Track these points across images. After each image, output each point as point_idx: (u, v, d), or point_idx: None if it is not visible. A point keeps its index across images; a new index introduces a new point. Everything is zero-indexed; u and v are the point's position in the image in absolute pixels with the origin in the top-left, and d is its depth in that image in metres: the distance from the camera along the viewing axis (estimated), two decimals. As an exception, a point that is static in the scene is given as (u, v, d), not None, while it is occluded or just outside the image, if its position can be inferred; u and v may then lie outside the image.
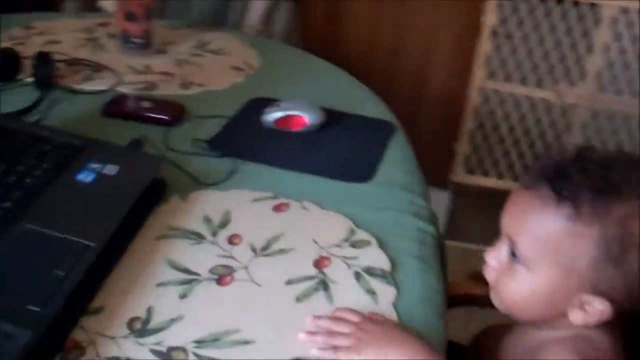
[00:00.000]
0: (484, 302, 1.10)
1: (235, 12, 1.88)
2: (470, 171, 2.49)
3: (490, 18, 2.27)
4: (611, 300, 0.78)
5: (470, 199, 2.51)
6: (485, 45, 2.31)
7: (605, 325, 0.82)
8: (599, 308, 0.79)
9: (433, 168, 2.47)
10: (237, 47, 1.52)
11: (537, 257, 0.80)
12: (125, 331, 0.76)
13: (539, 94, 2.37)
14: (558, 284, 0.80)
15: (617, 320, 0.82)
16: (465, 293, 1.14)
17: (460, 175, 2.49)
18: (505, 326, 1.07)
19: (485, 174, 2.49)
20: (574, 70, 2.32)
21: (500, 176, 2.48)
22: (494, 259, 0.86)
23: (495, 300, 0.89)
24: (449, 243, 2.70)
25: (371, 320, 0.79)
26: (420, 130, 2.48)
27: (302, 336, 0.77)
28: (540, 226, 0.80)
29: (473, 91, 2.38)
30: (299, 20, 2.01)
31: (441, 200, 2.46)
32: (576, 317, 0.81)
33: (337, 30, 2.39)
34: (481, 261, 1.01)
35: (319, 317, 0.80)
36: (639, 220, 0.76)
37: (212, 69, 1.40)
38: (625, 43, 2.25)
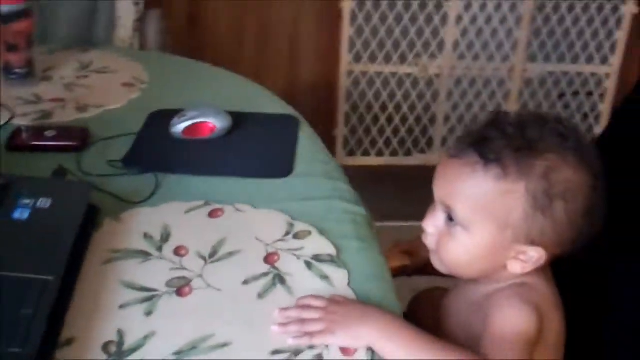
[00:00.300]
0: (412, 271, 1.18)
1: (103, 28, 1.85)
2: (351, 153, 2.58)
3: (347, 2, 2.35)
4: (544, 247, 0.87)
5: (355, 180, 2.59)
6: (346, 29, 2.39)
7: (538, 271, 0.91)
8: (534, 256, 0.87)
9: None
10: (121, 64, 1.50)
11: (474, 218, 0.87)
12: (103, 356, 0.76)
13: (403, 69, 2.48)
14: (495, 239, 0.87)
15: (548, 263, 0.91)
16: (395, 265, 1.20)
17: (342, 158, 2.57)
18: (439, 289, 1.15)
19: (366, 153, 2.58)
20: (433, 43, 2.44)
21: (379, 153, 2.58)
22: (432, 226, 0.92)
23: (437, 264, 0.95)
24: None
25: (335, 302, 0.84)
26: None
27: (275, 329, 0.80)
28: (473, 189, 0.87)
29: (342, 75, 2.46)
30: (164, 28, 2.01)
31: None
32: (515, 267, 0.89)
33: (201, 32, 2.40)
34: (384, 236, 1.08)
35: (286, 309, 0.83)
36: (558, 171, 0.85)
37: (103, 88, 1.39)
38: (476, 11, 2.40)
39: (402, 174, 2.56)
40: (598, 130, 2.55)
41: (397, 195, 2.31)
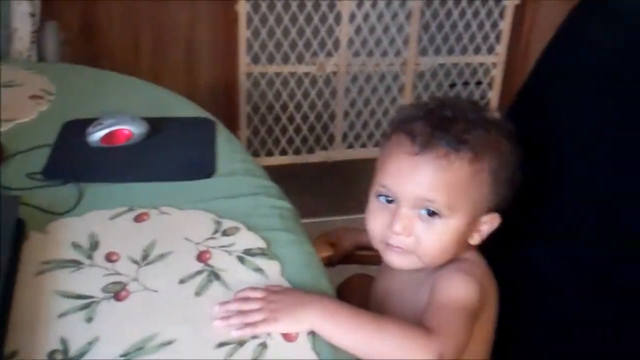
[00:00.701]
0: (336, 261, 1.22)
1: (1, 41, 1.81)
2: (255, 154, 2.60)
3: (242, 4, 2.38)
4: (496, 211, 0.95)
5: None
6: (243, 31, 2.41)
7: (475, 248, 0.99)
8: (492, 222, 0.96)
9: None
10: (25, 76, 1.48)
11: (455, 205, 0.92)
12: (50, 365, 0.77)
13: (302, 69, 2.53)
14: (470, 219, 0.94)
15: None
16: (321, 256, 1.24)
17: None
18: (366, 276, 1.20)
19: (270, 153, 2.61)
20: (328, 42, 2.50)
21: (283, 152, 2.62)
22: (403, 228, 0.94)
23: (410, 262, 0.96)
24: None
25: (273, 291, 0.87)
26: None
27: (217, 323, 0.83)
28: (453, 177, 0.92)
29: (241, 77, 2.48)
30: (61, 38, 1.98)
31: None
32: (474, 239, 0.96)
33: (97, 41, 2.37)
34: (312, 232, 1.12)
35: (225, 303, 0.86)
36: (501, 144, 0.95)
37: (11, 102, 1.36)
38: (368, 9, 2.47)
39: (307, 172, 2.61)
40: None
41: (304, 192, 2.36)
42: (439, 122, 0.93)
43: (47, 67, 1.59)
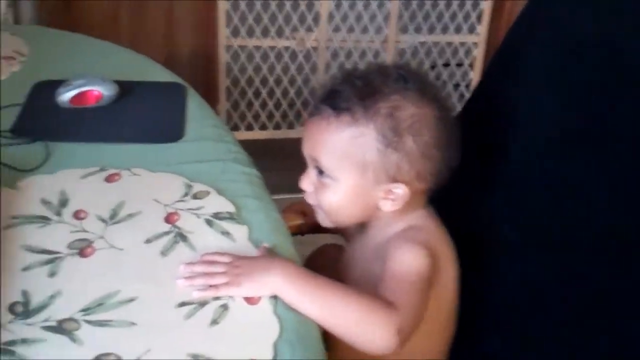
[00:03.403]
0: (306, 229, 1.23)
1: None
2: (235, 127, 2.59)
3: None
4: (405, 182, 0.96)
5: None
6: (222, 3, 2.39)
7: (423, 211, 0.99)
8: (399, 192, 0.96)
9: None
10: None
11: (337, 165, 0.96)
12: (10, 317, 0.76)
13: (282, 43, 2.52)
14: (359, 181, 0.96)
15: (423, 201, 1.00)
16: (291, 224, 1.25)
17: (224, 133, 2.58)
18: (335, 246, 1.21)
19: (250, 127, 2.60)
20: (308, 16, 2.49)
21: (263, 127, 2.61)
22: (308, 184, 1.00)
23: (321, 219, 1.03)
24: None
25: (240, 257, 0.87)
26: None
27: (180, 282, 0.83)
28: (331, 139, 0.96)
29: (221, 49, 2.46)
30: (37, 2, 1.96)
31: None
32: (386, 205, 0.98)
33: (75, 6, 2.33)
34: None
35: (191, 264, 0.86)
36: (402, 109, 0.94)
37: (-18, 62, 1.35)
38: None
39: (286, 147, 2.60)
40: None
41: (283, 167, 2.35)
42: (338, 87, 0.97)
43: (21, 29, 1.58)
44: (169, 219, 0.94)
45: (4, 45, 1.42)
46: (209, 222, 0.94)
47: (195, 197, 0.99)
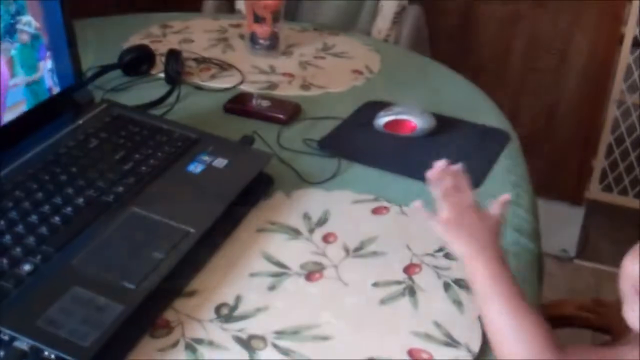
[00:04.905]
0: (581, 324, 1.07)
1: (366, 14, 1.90)
2: (608, 188, 2.39)
3: (632, 25, 2.16)
4: None
5: (606, 218, 2.43)
6: (625, 55, 2.20)
7: None
8: None
9: (566, 183, 2.41)
10: (360, 51, 1.54)
11: None
12: (212, 316, 0.80)
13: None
14: None
15: None
16: (562, 314, 1.11)
17: (596, 192, 2.40)
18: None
19: (624, 192, 2.38)
20: None
21: (638, 195, 2.37)
22: None
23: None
24: (580, 262, 2.57)
25: (477, 212, 0.83)
26: (553, 143, 2.41)
27: (430, 174, 0.86)
28: None
29: (611, 104, 2.28)
30: (426, 25, 2.00)
31: (574, 217, 2.39)
32: None
33: (468, 36, 2.36)
34: (611, 283, 0.97)
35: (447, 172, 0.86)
36: None
37: (333, 71, 1.43)
38: None
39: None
40: None
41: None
42: None
43: (384, 47, 1.63)
44: (408, 269, 0.90)
45: (360, 59, 1.49)
46: (446, 286, 0.87)
47: (447, 256, 0.92)
